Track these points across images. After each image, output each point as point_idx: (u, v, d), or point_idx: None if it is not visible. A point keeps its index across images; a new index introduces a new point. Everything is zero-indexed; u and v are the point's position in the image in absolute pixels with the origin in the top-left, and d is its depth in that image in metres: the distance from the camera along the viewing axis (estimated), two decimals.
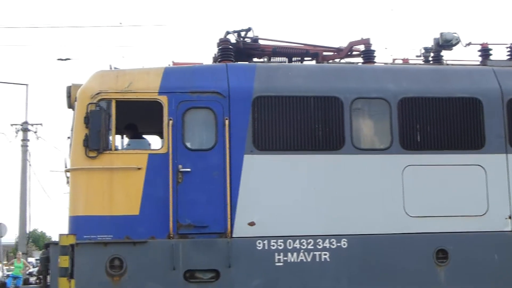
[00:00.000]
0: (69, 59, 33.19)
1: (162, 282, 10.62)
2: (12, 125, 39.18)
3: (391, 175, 11.29)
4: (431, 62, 12.76)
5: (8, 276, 30.02)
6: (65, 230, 10.90)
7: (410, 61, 12.85)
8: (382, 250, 11.09)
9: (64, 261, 9.18)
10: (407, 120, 11.45)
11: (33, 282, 12.79)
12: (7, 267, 32.99)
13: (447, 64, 12.64)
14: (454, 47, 12.68)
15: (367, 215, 11.14)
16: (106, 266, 10.56)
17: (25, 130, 38.87)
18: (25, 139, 38.85)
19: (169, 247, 10.66)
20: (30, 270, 30.92)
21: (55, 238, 17.23)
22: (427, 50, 12.85)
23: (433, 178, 11.40)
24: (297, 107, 11.22)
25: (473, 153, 11.54)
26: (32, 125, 39.12)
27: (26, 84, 41.55)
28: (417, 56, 13.02)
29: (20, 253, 31.91)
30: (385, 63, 12.56)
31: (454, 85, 11.80)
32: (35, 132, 39.17)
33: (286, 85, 11.35)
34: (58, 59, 33.60)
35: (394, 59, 12.79)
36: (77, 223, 10.75)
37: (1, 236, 34.52)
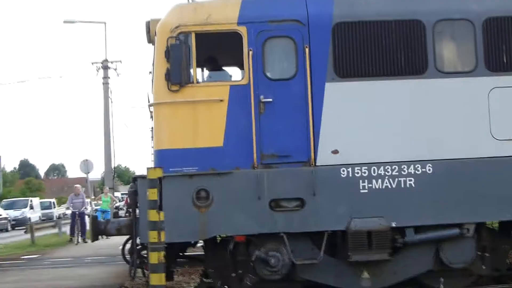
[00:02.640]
0: None
1: (248, 211, 10.75)
2: (93, 63, 39.91)
3: (477, 98, 11.02)
4: None
5: (96, 210, 30.99)
6: (149, 164, 11.09)
7: None
8: (468, 175, 10.92)
9: (152, 194, 9.32)
10: (492, 41, 11.10)
11: (123, 215, 13.15)
12: (95, 202, 34.03)
13: None
14: None
15: (452, 139, 10.97)
16: (193, 197, 10.75)
17: (105, 67, 39.46)
18: (106, 77, 39.46)
19: (254, 177, 10.76)
20: (116, 204, 31.80)
21: (138, 172, 17.57)
22: None
23: None
24: (378, 32, 11.00)
25: None
26: (112, 62, 39.69)
27: (104, 22, 42.15)
28: None
29: (107, 188, 32.82)
30: None
31: None
32: (115, 69, 39.75)
33: (366, 10, 11.10)
34: None
35: None
36: (162, 156, 10.93)
37: (88, 172, 35.60)
